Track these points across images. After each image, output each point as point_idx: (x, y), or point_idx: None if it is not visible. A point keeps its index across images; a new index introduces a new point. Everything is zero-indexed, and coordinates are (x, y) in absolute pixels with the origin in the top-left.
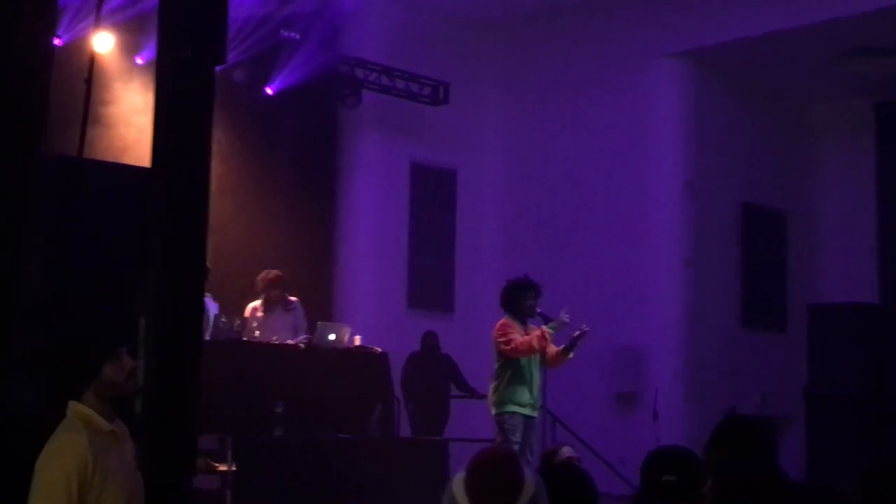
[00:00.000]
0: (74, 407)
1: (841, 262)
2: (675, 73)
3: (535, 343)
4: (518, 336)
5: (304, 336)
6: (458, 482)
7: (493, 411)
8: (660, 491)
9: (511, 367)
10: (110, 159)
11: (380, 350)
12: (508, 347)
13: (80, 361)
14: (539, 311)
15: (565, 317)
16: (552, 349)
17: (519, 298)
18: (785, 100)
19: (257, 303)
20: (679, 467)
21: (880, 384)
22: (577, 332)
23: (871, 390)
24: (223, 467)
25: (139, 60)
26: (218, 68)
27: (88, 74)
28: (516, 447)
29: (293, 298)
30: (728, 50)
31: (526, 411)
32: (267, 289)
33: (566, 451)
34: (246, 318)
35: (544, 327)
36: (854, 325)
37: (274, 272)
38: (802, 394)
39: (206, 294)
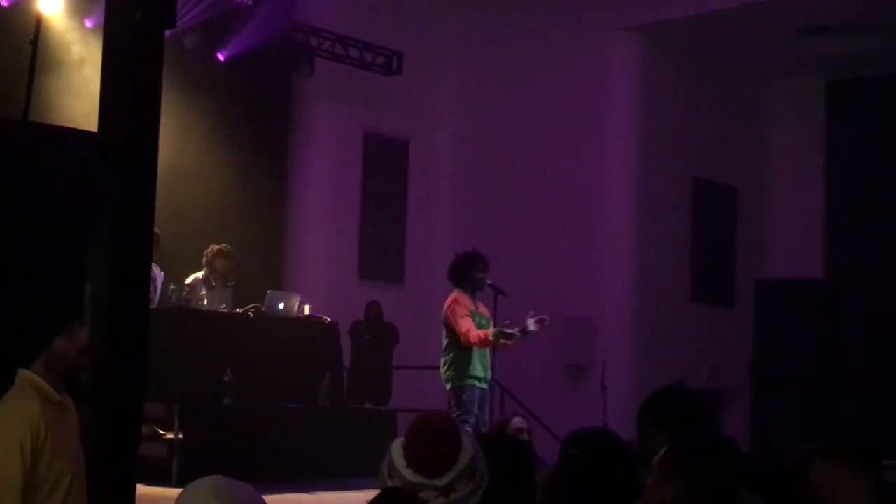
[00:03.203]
0: (25, 374)
1: (789, 238)
2: (629, 47)
3: (492, 339)
4: (470, 319)
5: (253, 305)
6: (397, 446)
7: (450, 386)
8: (564, 463)
9: (462, 342)
10: (57, 123)
11: (329, 320)
12: (461, 333)
13: (32, 331)
14: (490, 282)
15: (530, 326)
16: None
17: (468, 272)
18: (738, 76)
19: (199, 275)
20: (584, 443)
21: (825, 359)
22: (526, 330)
23: (815, 366)
24: (170, 435)
25: (88, 23)
26: (168, 33)
27: (35, 36)
28: (474, 419)
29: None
30: (682, 25)
31: (481, 384)
32: (213, 261)
33: (517, 422)
34: (193, 287)
35: (504, 341)
36: (800, 300)
37: (224, 246)
38: (748, 368)
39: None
